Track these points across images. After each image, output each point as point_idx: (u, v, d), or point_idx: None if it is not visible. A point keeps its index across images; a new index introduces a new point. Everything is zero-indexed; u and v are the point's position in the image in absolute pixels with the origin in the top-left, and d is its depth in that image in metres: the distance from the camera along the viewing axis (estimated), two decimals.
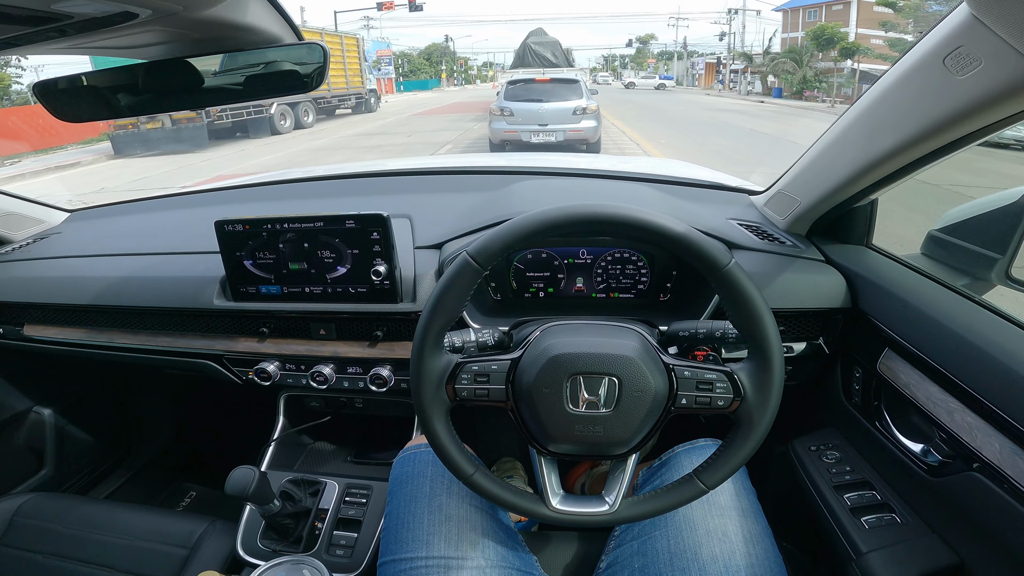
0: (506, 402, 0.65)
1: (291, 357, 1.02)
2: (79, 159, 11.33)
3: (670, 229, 0.60)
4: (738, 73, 33.38)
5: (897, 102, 0.70)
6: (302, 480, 1.05)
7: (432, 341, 0.64)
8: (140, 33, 0.55)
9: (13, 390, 1.36)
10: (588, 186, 1.22)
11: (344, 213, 0.87)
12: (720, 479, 0.63)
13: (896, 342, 0.79)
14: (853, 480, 0.87)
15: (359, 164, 1.57)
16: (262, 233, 0.91)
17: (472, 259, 0.61)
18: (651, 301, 1.01)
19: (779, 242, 0.98)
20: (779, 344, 0.61)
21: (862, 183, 0.81)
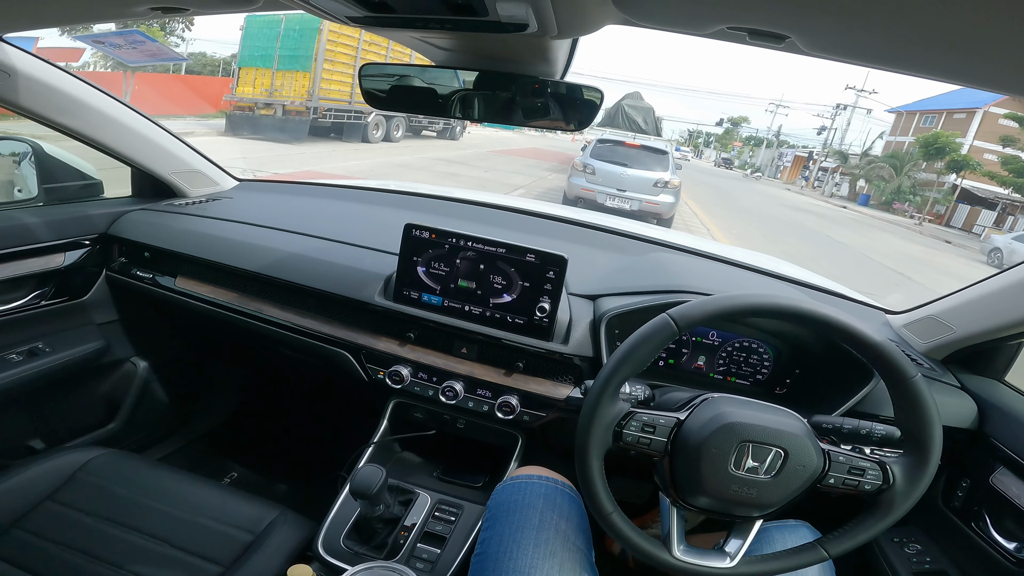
0: (662, 455, 0.70)
1: (426, 367, 1.06)
2: (193, 130, 12.33)
3: (870, 338, 0.66)
4: (827, 172, 32.24)
5: None
6: (396, 487, 1.05)
7: (614, 387, 0.70)
8: (471, 39, 0.64)
9: (123, 337, 1.41)
10: (737, 276, 1.28)
11: (529, 246, 0.95)
12: (843, 550, 0.69)
13: (1013, 461, 0.90)
14: (933, 568, 0.96)
15: (518, 200, 1.64)
16: (445, 245, 0.98)
17: (673, 321, 0.68)
18: (766, 391, 1.05)
19: (917, 364, 1.01)
20: (940, 448, 0.67)
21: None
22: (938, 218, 22.79)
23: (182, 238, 1.24)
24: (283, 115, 12.01)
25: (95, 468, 1.00)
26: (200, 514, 0.95)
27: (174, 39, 12.29)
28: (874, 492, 0.68)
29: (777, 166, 44.37)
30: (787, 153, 43.96)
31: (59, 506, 0.93)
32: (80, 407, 1.37)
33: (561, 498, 0.85)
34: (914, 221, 20.77)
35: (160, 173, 1.39)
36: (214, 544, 0.90)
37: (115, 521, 0.92)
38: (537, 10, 0.54)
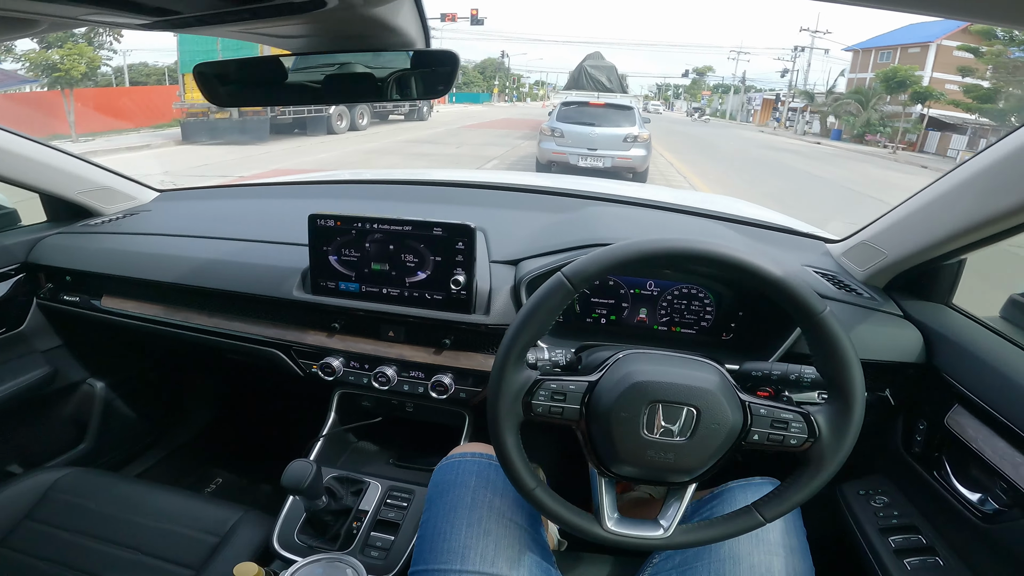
0: (578, 422, 0.66)
1: (357, 355, 1.04)
2: (149, 142, 12.03)
3: (769, 272, 0.61)
4: (796, 112, 32.67)
5: (1020, 163, 0.68)
6: (347, 478, 1.06)
7: (516, 355, 0.66)
8: (301, 24, 0.59)
9: (72, 359, 1.40)
10: (665, 219, 1.23)
11: (433, 220, 0.90)
12: (779, 513, 0.64)
13: (968, 398, 0.81)
14: (900, 524, 0.88)
15: (436, 172, 1.62)
16: (351, 231, 0.95)
17: (567, 280, 0.63)
18: (713, 339, 1.01)
19: (856, 293, 0.97)
20: (863, 392, 0.62)
21: (963, 241, 0.80)
22: (911, 146, 23.14)
23: (99, 257, 1.22)
24: (240, 116, 11.75)
25: (64, 486, 1.05)
26: (168, 521, 0.99)
27: (105, 52, 11.89)
28: (801, 446, 0.63)
29: (748, 110, 44.79)
30: (755, 97, 44.65)
31: (38, 524, 0.98)
32: (46, 431, 1.39)
33: (496, 474, 0.82)
34: (888, 150, 20.98)
35: (66, 195, 1.34)
36: (183, 548, 0.95)
37: (91, 535, 0.97)
38: None
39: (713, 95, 61.28)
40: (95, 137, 12.72)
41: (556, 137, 7.75)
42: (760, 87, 50.61)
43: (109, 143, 11.75)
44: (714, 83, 64.96)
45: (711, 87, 65.54)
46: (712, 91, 63.70)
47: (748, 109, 45.21)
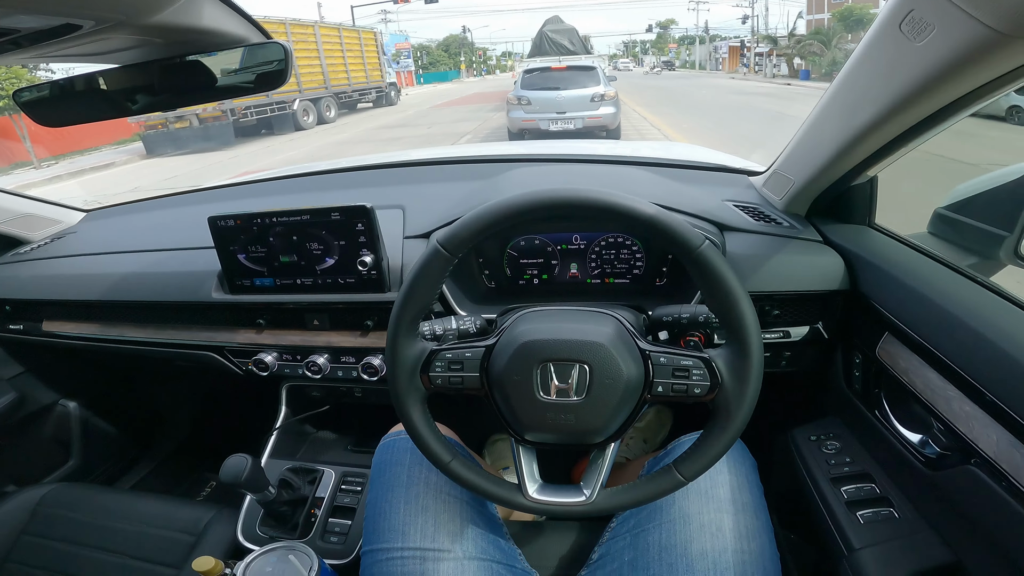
0: (480, 389, 0.64)
1: (288, 347, 1.04)
2: (113, 160, 11.76)
3: (640, 211, 0.58)
4: (763, 56, 32.39)
5: (867, 73, 0.66)
6: (301, 468, 1.07)
7: (405, 330, 0.64)
8: (99, 41, 0.56)
9: (39, 383, 1.42)
10: (581, 171, 1.20)
11: (329, 206, 0.88)
12: (699, 470, 0.61)
13: (895, 326, 0.76)
14: (852, 472, 0.84)
15: (357, 158, 1.58)
16: (252, 227, 0.93)
17: (442, 247, 0.61)
18: (647, 287, 1.00)
19: (775, 223, 0.95)
20: (757, 329, 0.58)
21: (850, 160, 0.77)
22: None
23: (31, 284, 1.22)
24: (200, 124, 11.50)
25: (51, 501, 1.12)
26: (148, 525, 1.06)
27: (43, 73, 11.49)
28: (707, 395, 0.60)
29: (716, 59, 44.47)
30: (721, 46, 44.51)
31: (35, 538, 1.07)
32: (32, 453, 1.44)
33: None
34: None
35: None
36: (163, 549, 1.01)
37: (83, 544, 1.04)
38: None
39: (680, 47, 60.78)
40: (58, 160, 12.44)
41: (524, 105, 7.72)
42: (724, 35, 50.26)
43: (73, 165, 11.50)
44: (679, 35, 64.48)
45: (676, 40, 65.01)
46: (678, 43, 63.16)
47: (716, 58, 44.98)
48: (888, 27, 0.58)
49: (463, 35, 60.82)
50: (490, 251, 1.01)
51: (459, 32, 61.22)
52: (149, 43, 0.62)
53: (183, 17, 0.56)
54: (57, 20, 0.48)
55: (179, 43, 0.63)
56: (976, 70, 0.53)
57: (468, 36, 61.62)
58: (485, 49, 78.76)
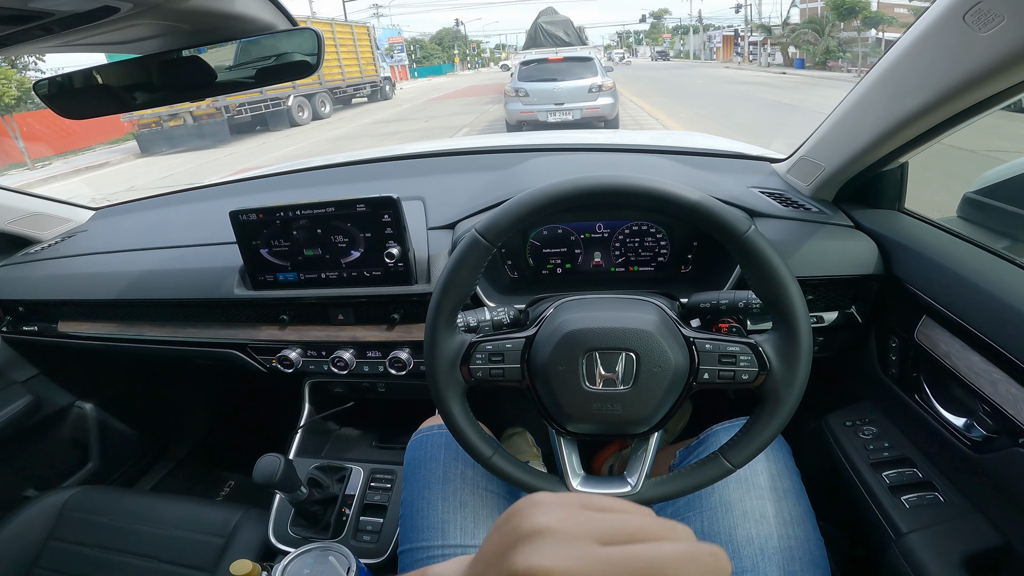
0: (522, 381, 0.63)
1: (312, 343, 1.03)
2: (108, 159, 11.67)
3: (684, 197, 0.57)
4: (757, 45, 32.38)
5: (918, 62, 0.65)
6: (328, 467, 1.07)
7: (444, 321, 0.63)
8: (130, 27, 0.55)
9: (54, 385, 1.41)
10: (603, 160, 1.19)
11: (354, 198, 0.87)
12: (747, 457, 0.60)
13: (934, 309, 0.74)
14: (892, 457, 0.82)
15: (373, 150, 1.56)
16: (275, 221, 0.91)
17: (481, 236, 0.60)
18: (672, 274, 0.99)
19: (804, 208, 0.94)
20: (806, 312, 0.57)
21: (888, 146, 0.76)
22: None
23: (45, 284, 1.20)
24: (194, 121, 11.41)
25: (74, 505, 1.10)
26: (176, 527, 1.04)
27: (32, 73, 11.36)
28: (755, 381, 0.59)
29: (710, 49, 44.47)
30: (715, 35, 44.52)
31: (62, 543, 1.05)
32: (51, 456, 1.43)
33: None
34: (852, 74, 21.03)
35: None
36: (195, 552, 1.00)
37: (111, 548, 1.03)
38: None
39: (673, 37, 60.75)
40: (51, 161, 12.33)
41: (521, 97, 7.72)
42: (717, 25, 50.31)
43: (67, 165, 11.41)
44: (672, 25, 64.48)
45: (670, 30, 64.99)
46: (672, 33, 63.14)
47: (710, 47, 44.98)
48: (951, 16, 0.57)
49: (456, 28, 60.40)
50: (512, 241, 0.99)
51: (452, 25, 60.81)
52: (177, 30, 0.61)
53: (218, 2, 0.54)
54: (95, 2, 0.46)
55: (208, 30, 0.62)
56: None
57: (461, 29, 61.20)
58: (479, 42, 78.35)
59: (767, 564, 0.64)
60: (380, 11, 45.95)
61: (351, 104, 18.28)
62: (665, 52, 56.35)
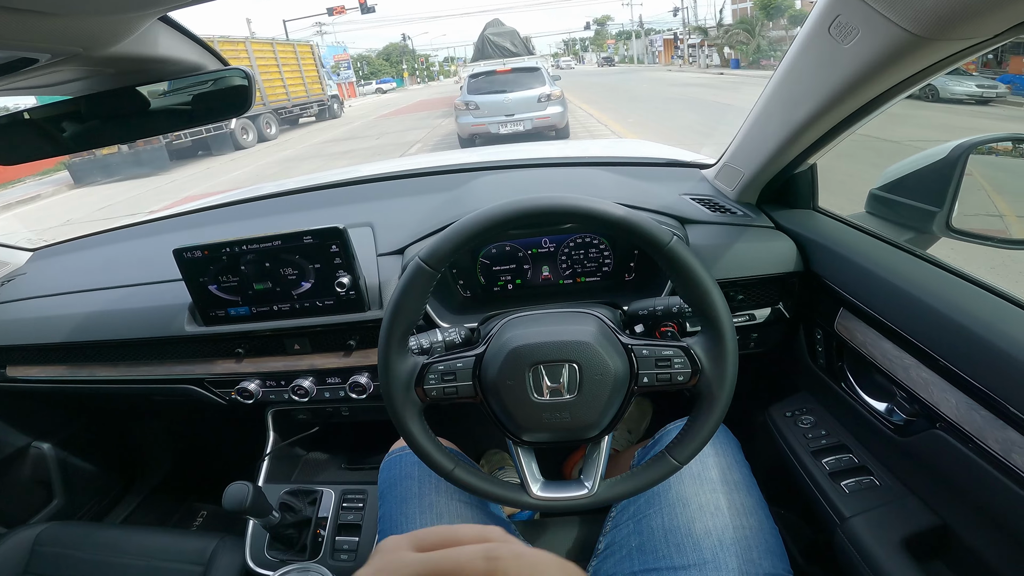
0: (475, 397, 0.66)
1: (270, 374, 1.03)
2: (39, 192, 11.02)
3: (611, 213, 0.61)
4: (695, 47, 33.63)
5: (802, 72, 0.71)
6: (299, 491, 1.08)
7: (396, 346, 0.65)
8: (55, 72, 0.55)
9: (9, 428, 1.37)
10: (549, 175, 1.23)
11: (301, 230, 0.88)
12: (691, 453, 0.64)
13: (849, 301, 0.81)
14: (829, 444, 0.87)
15: (321, 175, 1.56)
16: (222, 257, 0.91)
17: (424, 263, 0.63)
18: (617, 282, 1.03)
19: (731, 213, 1.00)
20: (728, 315, 0.62)
21: (792, 151, 0.83)
22: None
23: None
24: (130, 149, 10.93)
25: (47, 540, 1.10)
26: (154, 558, 1.04)
27: None
28: (690, 382, 0.63)
29: (652, 52, 46.00)
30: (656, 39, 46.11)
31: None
32: (14, 495, 1.40)
33: None
34: None
35: None
36: None
37: None
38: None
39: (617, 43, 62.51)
40: None
41: (472, 110, 7.76)
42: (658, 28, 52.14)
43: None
44: (616, 31, 66.45)
45: (614, 36, 66.94)
46: (616, 39, 64.99)
47: (652, 51, 46.52)
48: (818, 30, 0.62)
49: (403, 43, 60.22)
50: (463, 261, 1.02)
51: (399, 40, 60.61)
52: (102, 73, 0.61)
53: (139, 47, 0.55)
54: (14, 54, 0.47)
55: (135, 72, 0.62)
56: (897, 68, 0.58)
57: (408, 44, 61.04)
58: (427, 55, 78.35)
59: (726, 555, 0.66)
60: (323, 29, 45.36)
61: (298, 124, 17.95)
62: (610, 58, 58.00)
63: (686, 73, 27.40)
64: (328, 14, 33.21)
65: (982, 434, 0.59)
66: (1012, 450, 0.56)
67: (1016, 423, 0.55)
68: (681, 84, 19.39)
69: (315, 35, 43.87)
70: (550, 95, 7.66)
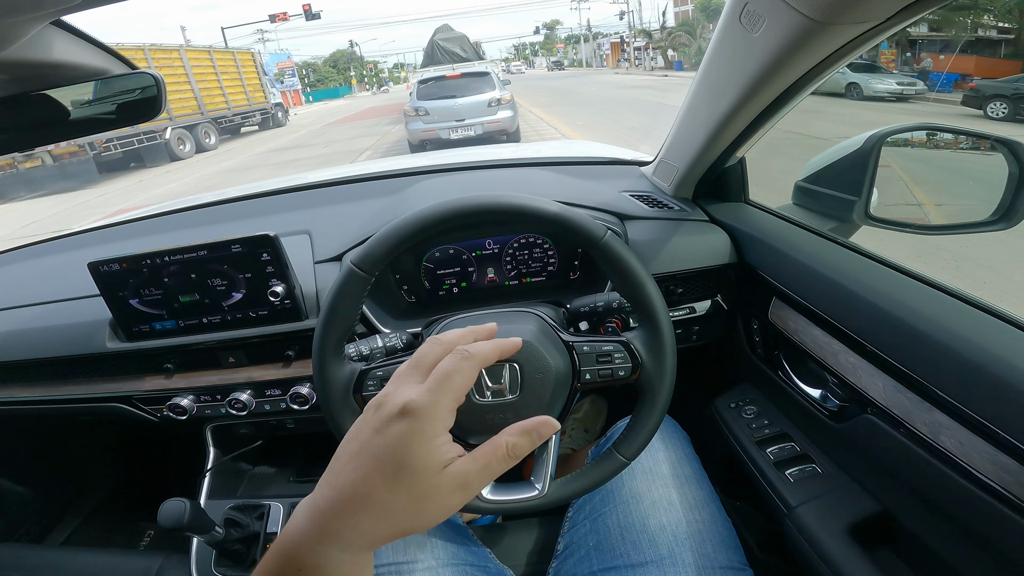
0: None
1: (204, 388, 0.97)
2: None
3: (545, 210, 0.61)
4: (641, 50, 34.58)
5: (721, 65, 0.72)
6: (245, 505, 1.04)
7: (331, 354, 0.63)
8: None
9: None
10: (487, 177, 1.23)
11: (228, 239, 0.84)
12: (637, 449, 0.64)
13: (780, 290, 0.82)
14: (772, 433, 0.88)
15: (256, 185, 1.50)
16: (142, 269, 0.85)
17: (357, 267, 0.61)
18: (563, 281, 1.03)
19: (668, 208, 1.02)
20: (664, 307, 0.62)
21: (720, 144, 0.85)
22: None
23: None
24: (55, 162, 10.25)
25: None
26: None
27: None
28: (631, 376, 0.63)
29: (600, 56, 47.12)
30: (604, 43, 47.35)
31: None
32: None
33: None
34: None
35: None
36: None
37: None
38: None
39: (567, 47, 63.66)
40: None
41: (422, 116, 7.72)
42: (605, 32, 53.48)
43: None
44: (565, 35, 67.73)
45: (563, 40, 68.20)
46: (565, 43, 66.18)
47: (600, 55, 47.69)
48: (731, 20, 0.63)
49: (351, 49, 59.16)
50: (406, 265, 1.00)
51: (346, 47, 59.51)
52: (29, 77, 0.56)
53: (32, 52, 0.51)
54: None
55: (30, 79, 0.57)
56: (803, 55, 0.59)
57: (356, 50, 60.02)
58: (376, 62, 77.29)
59: (681, 550, 0.67)
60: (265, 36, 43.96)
61: (240, 133, 17.33)
62: (560, 62, 59.00)
63: (632, 76, 28.19)
64: (271, 21, 32.32)
65: (910, 417, 0.60)
66: (940, 432, 0.57)
67: (942, 404, 0.56)
68: (627, 87, 19.94)
69: (257, 42, 42.52)
70: (500, 99, 7.72)
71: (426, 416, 0.37)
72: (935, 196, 1.12)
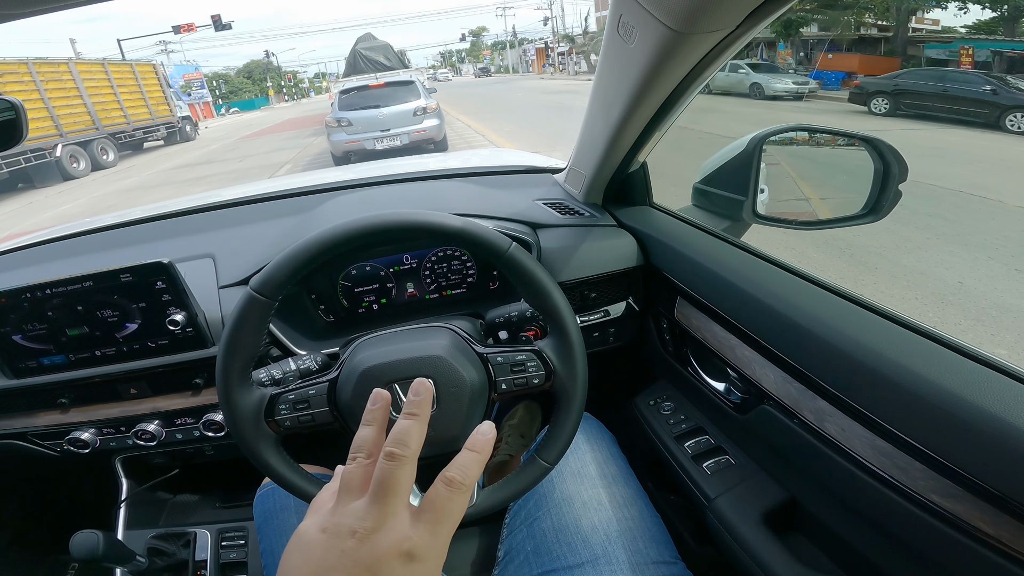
0: (333, 423, 0.63)
1: (106, 421, 0.91)
2: None
3: (448, 226, 0.62)
4: (565, 55, 35.37)
5: (608, 74, 0.75)
6: (168, 534, 1.02)
7: (236, 381, 0.61)
8: None
9: None
10: (402, 192, 1.22)
11: (116, 268, 0.78)
12: (558, 453, 0.64)
13: (682, 289, 0.86)
14: (689, 428, 0.91)
15: (152, 206, 1.39)
16: (23, 304, 0.78)
17: (257, 293, 0.59)
18: (483, 293, 1.04)
19: (579, 214, 1.05)
20: (571, 314, 0.64)
21: (619, 150, 0.88)
22: None
23: None
24: None
25: None
26: None
27: None
28: (546, 384, 0.64)
29: (526, 62, 47.97)
30: (529, 48, 48.16)
31: None
32: None
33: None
34: None
35: None
36: None
37: None
38: None
39: (493, 53, 64.20)
40: None
41: (344, 127, 7.49)
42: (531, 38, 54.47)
43: None
44: (491, 42, 68.28)
45: (489, 46, 68.73)
46: (491, 50, 66.74)
47: (526, 60, 48.47)
48: (612, 31, 0.66)
49: (267, 60, 56.53)
50: (321, 285, 0.98)
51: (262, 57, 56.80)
52: None
53: None
54: None
55: None
56: (674, 64, 0.62)
57: (273, 60, 57.43)
58: (295, 72, 74.34)
59: (614, 548, 0.68)
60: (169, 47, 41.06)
61: (143, 149, 16.11)
62: (487, 68, 59.40)
63: (557, 80, 28.86)
64: (175, 32, 30.27)
65: (799, 406, 0.63)
66: (824, 419, 0.60)
67: (824, 393, 0.59)
68: (552, 91, 20.40)
69: (160, 53, 39.63)
70: (426, 108, 7.63)
71: (435, 558, 0.38)
72: (819, 191, 1.20)
